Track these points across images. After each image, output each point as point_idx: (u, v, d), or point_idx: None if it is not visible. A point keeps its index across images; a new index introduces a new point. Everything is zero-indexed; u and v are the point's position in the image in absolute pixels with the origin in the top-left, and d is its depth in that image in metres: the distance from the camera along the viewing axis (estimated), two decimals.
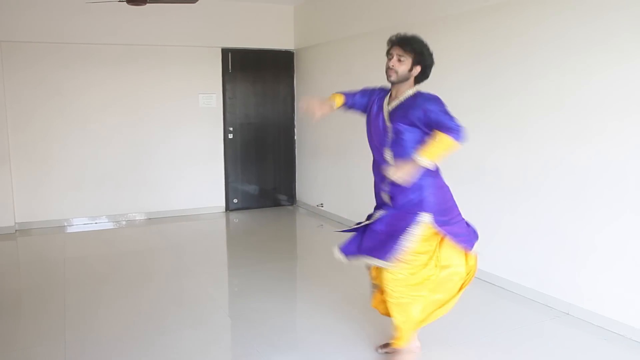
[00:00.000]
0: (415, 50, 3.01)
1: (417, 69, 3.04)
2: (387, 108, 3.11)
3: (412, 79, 3.07)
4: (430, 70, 3.11)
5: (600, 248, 3.77)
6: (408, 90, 3.07)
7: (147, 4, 5.07)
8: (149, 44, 7.11)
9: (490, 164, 4.66)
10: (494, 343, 3.59)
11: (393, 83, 3.09)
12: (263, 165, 8.06)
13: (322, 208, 7.50)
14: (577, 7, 3.82)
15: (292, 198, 8.32)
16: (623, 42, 3.53)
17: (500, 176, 4.56)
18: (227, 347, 3.65)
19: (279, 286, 4.75)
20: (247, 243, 6.40)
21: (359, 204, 6.46)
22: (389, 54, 3.09)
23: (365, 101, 3.29)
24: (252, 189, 8.03)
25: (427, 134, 2.97)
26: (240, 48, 7.64)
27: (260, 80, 7.89)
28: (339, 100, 3.26)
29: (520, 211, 4.39)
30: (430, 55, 3.07)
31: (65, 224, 6.97)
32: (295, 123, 8.17)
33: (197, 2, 5.54)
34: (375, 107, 3.20)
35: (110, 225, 7.09)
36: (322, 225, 7.07)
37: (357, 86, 5.90)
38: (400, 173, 2.88)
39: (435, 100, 2.98)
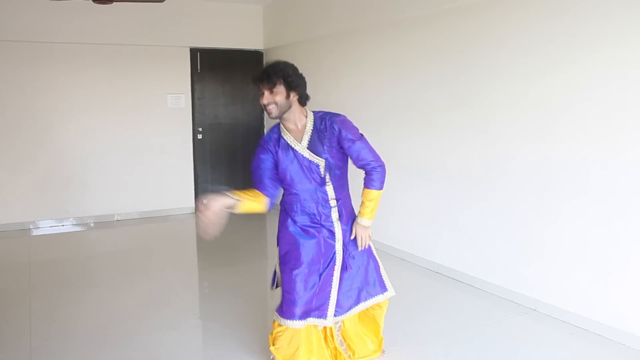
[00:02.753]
0: (280, 78, 2.77)
1: (295, 94, 2.83)
2: (300, 146, 2.88)
3: (296, 104, 2.87)
4: (306, 89, 2.89)
5: (566, 244, 3.85)
6: (305, 117, 2.92)
7: (114, 3, 5.00)
8: (116, 44, 7.01)
9: (456, 163, 4.72)
10: (462, 340, 3.63)
11: (278, 117, 2.87)
12: (233, 166, 8.02)
13: None
14: (540, 7, 3.90)
15: None
16: (585, 41, 3.61)
17: (467, 174, 4.62)
18: (198, 350, 3.62)
19: (250, 287, 4.73)
20: (217, 244, 6.33)
21: None
22: (259, 91, 2.85)
23: (270, 162, 2.96)
24: (222, 189, 7.98)
25: (341, 151, 2.90)
26: (209, 48, 7.59)
27: (229, 81, 7.85)
28: (262, 201, 2.98)
29: (487, 209, 4.45)
30: (299, 74, 2.85)
31: (31, 227, 6.83)
32: (265, 123, 8.15)
33: (165, 2, 5.49)
34: (282, 152, 2.91)
35: (77, 228, 6.97)
36: None
37: (326, 85, 5.91)
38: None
39: (344, 122, 2.89)
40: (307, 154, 2.87)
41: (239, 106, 7.98)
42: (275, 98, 2.80)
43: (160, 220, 7.38)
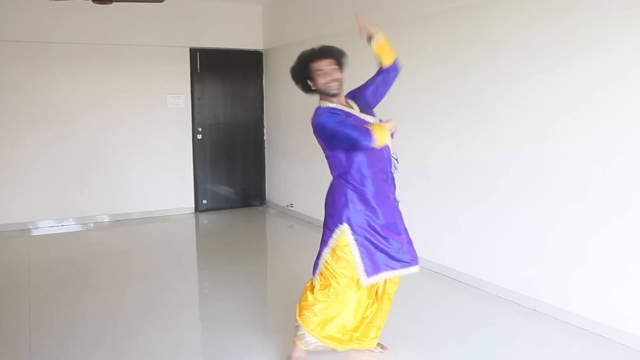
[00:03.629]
0: (341, 58, 3.19)
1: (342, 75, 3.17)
2: (355, 111, 3.17)
3: None
4: None
5: (566, 245, 3.85)
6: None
7: (114, 3, 4.99)
8: (115, 44, 7.01)
9: (457, 163, 4.71)
10: (461, 340, 3.63)
11: (337, 94, 3.13)
12: (232, 166, 8.02)
13: (292, 208, 7.50)
14: (539, 7, 3.90)
15: (262, 199, 8.30)
16: (584, 41, 3.61)
17: (467, 174, 4.62)
18: (197, 350, 3.62)
19: (250, 287, 4.73)
20: (217, 244, 6.36)
21: None
22: (318, 70, 3.10)
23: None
24: (221, 189, 7.99)
25: None
26: (208, 48, 7.59)
27: (229, 81, 7.85)
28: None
29: (487, 209, 4.45)
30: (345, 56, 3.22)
31: (30, 227, 6.82)
32: (265, 123, 8.15)
33: (165, 2, 5.48)
34: (353, 120, 3.09)
35: (77, 228, 6.96)
36: (292, 225, 7.07)
37: None
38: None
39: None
40: (364, 116, 3.14)
41: (239, 106, 7.97)
42: (338, 75, 3.12)
43: (160, 220, 7.37)
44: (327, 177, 3.32)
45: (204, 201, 7.85)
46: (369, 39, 3.20)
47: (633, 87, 3.36)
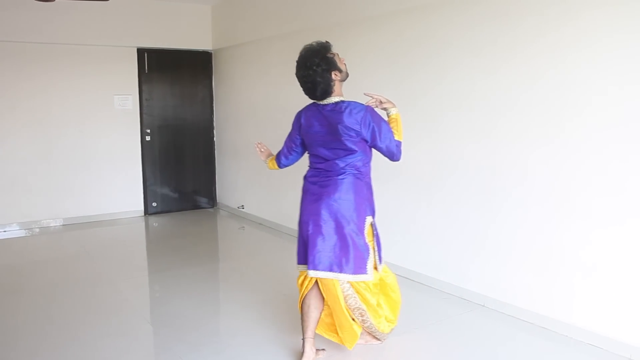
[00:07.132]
0: None
1: None
2: None
3: None
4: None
5: (512, 242, 3.96)
6: None
7: (57, 0, 4.86)
8: (60, 43, 6.83)
9: (405, 162, 4.78)
10: (413, 338, 3.69)
11: None
12: (182, 168, 7.94)
13: (243, 210, 7.47)
14: (482, 10, 4.00)
15: (212, 200, 8.23)
16: (527, 44, 3.73)
17: (416, 173, 4.69)
18: (149, 355, 3.57)
19: (201, 290, 4.69)
20: (168, 247, 6.28)
21: (280, 205, 6.47)
22: (338, 56, 3.29)
23: None
24: (171, 191, 7.88)
25: None
26: (156, 48, 7.48)
27: (177, 81, 7.76)
28: None
29: (435, 207, 4.54)
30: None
31: None
32: (215, 124, 8.09)
33: (111, 0, 5.39)
34: None
35: (21, 233, 6.75)
36: (243, 227, 7.04)
37: (275, 85, 5.90)
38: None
39: None
40: None
41: (188, 107, 7.89)
42: None
43: (109, 224, 7.23)
44: (277, 179, 3.32)
45: (154, 204, 7.73)
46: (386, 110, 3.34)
47: (574, 87, 3.49)
